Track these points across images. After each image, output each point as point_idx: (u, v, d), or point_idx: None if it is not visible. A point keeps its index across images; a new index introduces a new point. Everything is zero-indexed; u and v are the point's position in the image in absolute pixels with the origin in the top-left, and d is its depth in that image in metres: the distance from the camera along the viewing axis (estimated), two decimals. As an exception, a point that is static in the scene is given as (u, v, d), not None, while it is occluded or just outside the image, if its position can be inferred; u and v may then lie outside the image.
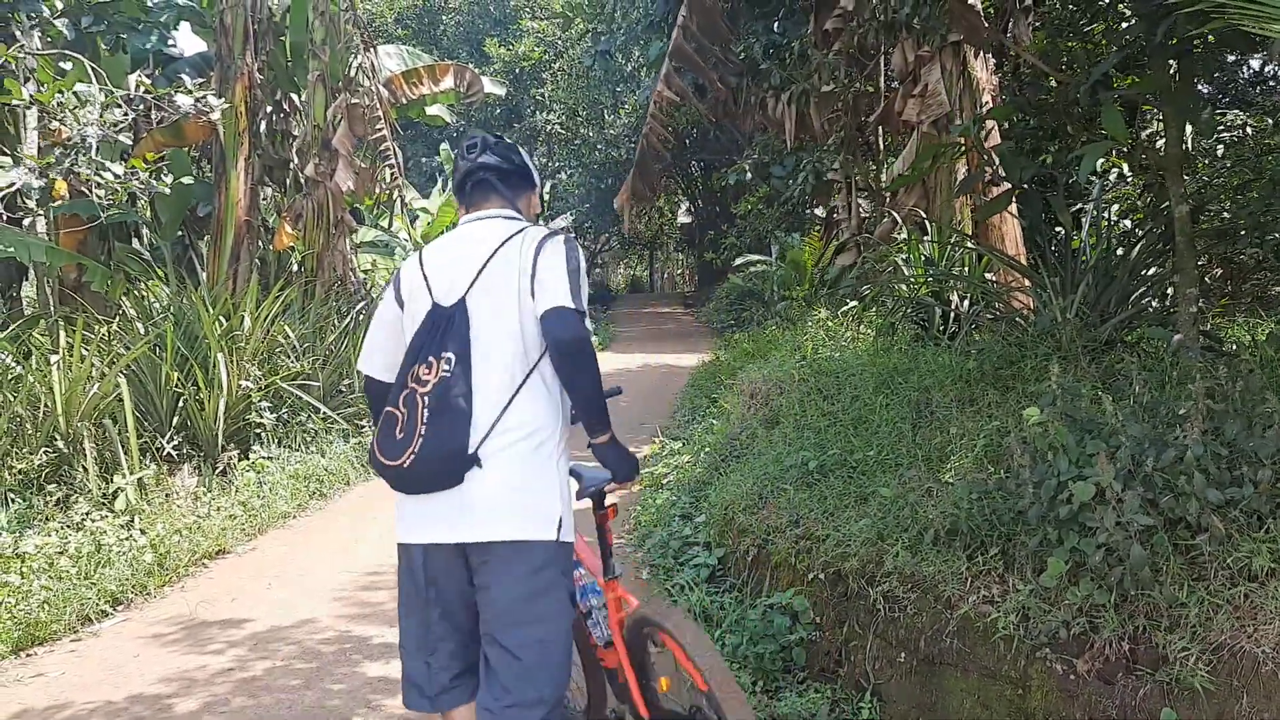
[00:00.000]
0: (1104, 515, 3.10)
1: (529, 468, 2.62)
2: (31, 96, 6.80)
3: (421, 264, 2.81)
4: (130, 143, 10.22)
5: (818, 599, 4.33)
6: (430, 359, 2.63)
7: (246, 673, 4.70)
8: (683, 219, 37.07)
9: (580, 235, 31.47)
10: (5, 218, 9.07)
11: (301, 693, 4.45)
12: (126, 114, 7.16)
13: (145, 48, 12.09)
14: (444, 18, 30.49)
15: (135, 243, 12.92)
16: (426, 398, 2.59)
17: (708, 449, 7.39)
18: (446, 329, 2.65)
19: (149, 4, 12.26)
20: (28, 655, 5.10)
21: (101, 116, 6.68)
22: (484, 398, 2.61)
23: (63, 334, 8.25)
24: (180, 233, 12.58)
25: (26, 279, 13.27)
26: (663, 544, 5.94)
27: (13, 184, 6.91)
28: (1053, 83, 6.52)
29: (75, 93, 6.73)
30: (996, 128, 7.91)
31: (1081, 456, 3.35)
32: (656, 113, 8.51)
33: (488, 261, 2.71)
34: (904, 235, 8.55)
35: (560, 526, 2.66)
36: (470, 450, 2.56)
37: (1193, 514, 3.04)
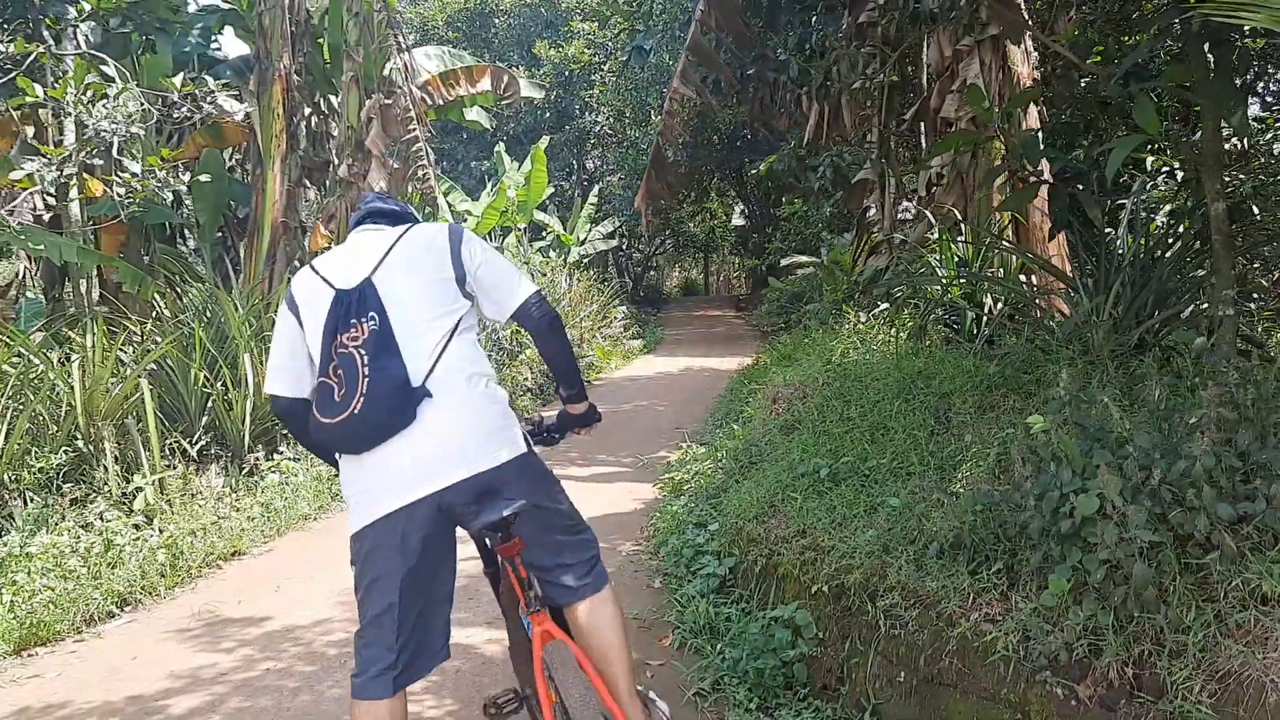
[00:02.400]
0: (1106, 531, 2.90)
1: (489, 403, 2.79)
2: (46, 93, 6.83)
3: (315, 269, 2.92)
4: (174, 144, 10.32)
5: (821, 613, 4.15)
6: (354, 321, 2.71)
7: (247, 673, 4.66)
8: (737, 221, 36.82)
9: (630, 239, 31.23)
10: (43, 217, 9.15)
11: (297, 695, 4.38)
12: (149, 111, 7.18)
13: (186, 50, 12.20)
14: (495, 20, 30.52)
15: (178, 244, 13.04)
16: (362, 348, 2.67)
17: (727, 455, 7.22)
18: (359, 301, 2.74)
19: (178, 4, 12.34)
20: (29, 656, 5.10)
21: (114, 110, 6.68)
22: (415, 346, 2.72)
23: (88, 333, 8.30)
24: (220, 234, 12.68)
25: (69, 278, 13.43)
26: (676, 552, 5.80)
27: (34, 187, 6.95)
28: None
29: (90, 84, 6.76)
30: (1037, 120, 7.63)
31: (1087, 467, 3.15)
32: (673, 109, 8.36)
33: (390, 250, 2.86)
34: (937, 236, 8.28)
35: (525, 442, 2.87)
36: (416, 384, 2.66)
37: (1201, 530, 2.82)
